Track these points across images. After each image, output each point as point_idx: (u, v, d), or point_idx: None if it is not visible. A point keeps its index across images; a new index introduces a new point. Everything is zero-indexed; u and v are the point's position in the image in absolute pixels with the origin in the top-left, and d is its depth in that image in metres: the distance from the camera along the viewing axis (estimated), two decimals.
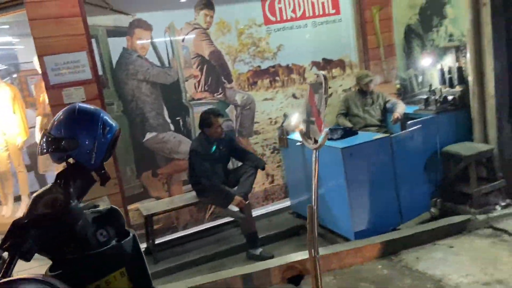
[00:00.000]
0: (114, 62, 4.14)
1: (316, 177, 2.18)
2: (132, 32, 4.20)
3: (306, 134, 2.25)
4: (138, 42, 4.23)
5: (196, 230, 4.57)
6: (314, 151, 2.17)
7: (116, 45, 4.12)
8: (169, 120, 4.47)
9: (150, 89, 4.35)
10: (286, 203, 4.93)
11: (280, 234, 4.42)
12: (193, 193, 4.32)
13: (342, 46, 5.19)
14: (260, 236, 4.13)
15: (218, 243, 4.33)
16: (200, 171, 3.96)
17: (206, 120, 3.98)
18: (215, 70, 4.62)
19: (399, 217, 3.89)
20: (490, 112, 4.05)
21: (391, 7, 5.16)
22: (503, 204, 3.93)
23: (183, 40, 4.44)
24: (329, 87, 5.20)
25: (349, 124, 4.57)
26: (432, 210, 4.17)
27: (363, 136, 3.92)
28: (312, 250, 2.18)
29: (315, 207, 2.20)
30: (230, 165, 4.46)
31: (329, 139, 3.91)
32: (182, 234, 4.52)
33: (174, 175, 4.56)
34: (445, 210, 4.08)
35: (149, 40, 4.28)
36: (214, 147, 4.07)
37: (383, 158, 3.79)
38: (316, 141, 2.17)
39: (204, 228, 4.62)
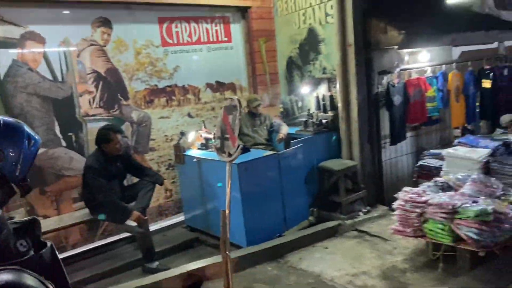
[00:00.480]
0: (2, 74, 3.94)
1: (229, 186, 2.49)
2: (24, 44, 4.06)
3: (220, 149, 2.55)
4: (30, 54, 4.09)
5: (87, 249, 4.48)
6: (228, 163, 2.48)
7: (6, 57, 3.94)
8: (60, 136, 4.37)
9: (41, 103, 4.22)
10: (180, 217, 5.12)
11: (175, 247, 4.60)
12: (85, 210, 4.26)
13: (233, 71, 5.67)
14: (156, 250, 4.25)
15: (112, 260, 4.32)
16: (96, 187, 3.95)
17: (105, 136, 4.01)
18: (111, 86, 4.67)
19: (284, 225, 4.42)
20: (354, 134, 4.86)
21: (275, 40, 5.82)
22: (364, 210, 4.72)
23: (78, 56, 4.41)
24: (221, 108, 5.61)
25: (240, 143, 5.00)
26: (310, 218, 4.79)
27: (254, 153, 4.37)
28: (225, 251, 2.45)
29: (228, 212, 2.49)
30: (125, 182, 4.51)
31: None
32: (72, 253, 4.39)
33: (64, 192, 4.44)
34: (321, 217, 4.73)
35: (42, 54, 4.17)
36: (111, 164, 4.10)
37: (272, 172, 4.29)
38: (230, 155, 2.48)
39: (96, 246, 4.56)
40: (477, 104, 5.64)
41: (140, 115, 4.93)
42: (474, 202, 3.31)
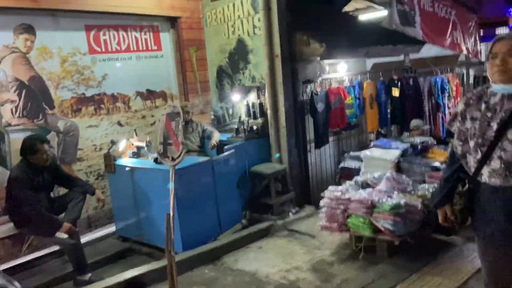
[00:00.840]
0: None
1: (173, 191, 2.56)
2: None
3: (163, 154, 2.62)
4: None
5: (12, 265, 4.24)
6: (172, 167, 2.56)
7: None
8: None
9: None
10: (112, 228, 5.02)
11: (108, 258, 4.50)
12: (9, 225, 4.04)
13: (164, 79, 5.71)
14: (87, 262, 4.15)
15: (40, 275, 4.13)
16: (23, 199, 3.78)
17: (31, 146, 3.85)
18: (35, 95, 4.49)
19: (219, 229, 4.55)
20: (282, 139, 5.17)
21: (205, 49, 5.97)
22: (293, 211, 5.02)
23: None
24: (152, 116, 5.63)
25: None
26: (243, 221, 4.98)
27: (189, 160, 4.46)
28: (170, 251, 2.52)
29: (172, 215, 2.56)
30: (52, 194, 4.34)
31: (158, 163, 4.33)
32: None
33: None
34: (253, 219, 4.94)
35: None
36: (37, 175, 3.94)
37: (206, 178, 4.41)
38: (173, 159, 2.56)
39: (22, 262, 4.32)
40: (389, 110, 6.27)
41: (67, 124, 4.78)
42: (389, 197, 3.74)
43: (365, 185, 4.19)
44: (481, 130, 1.88)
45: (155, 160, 4.41)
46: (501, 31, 12.48)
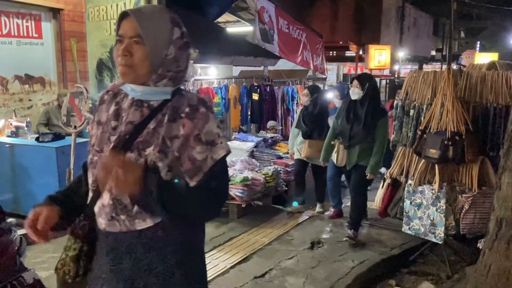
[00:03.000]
0: None
1: (73, 153, 3.13)
2: None
3: (67, 123, 3.18)
4: None
5: None
6: (74, 133, 3.15)
7: None
8: None
9: None
10: None
11: None
12: None
13: (43, 66, 5.97)
14: None
15: None
16: None
17: None
18: None
19: None
20: None
21: (86, 42, 6.39)
22: None
23: None
24: (30, 100, 5.86)
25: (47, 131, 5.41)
26: None
27: (69, 139, 4.92)
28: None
29: (72, 171, 3.12)
30: None
31: (41, 142, 4.72)
32: None
33: None
34: None
35: None
36: None
37: (86, 156, 4.92)
38: (75, 127, 3.16)
39: None
40: (249, 111, 7.51)
41: None
42: (240, 173, 4.84)
43: None
44: (99, 144, 1.38)
45: (37, 139, 4.78)
46: (348, 54, 15.23)
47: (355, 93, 4.06)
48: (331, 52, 14.35)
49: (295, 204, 5.03)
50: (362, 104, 4.05)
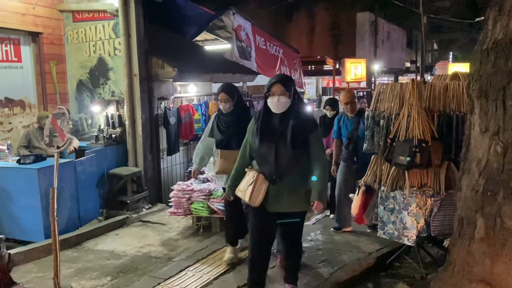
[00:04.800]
0: None
1: (56, 173, 3.20)
2: None
3: (49, 144, 3.26)
4: None
5: None
6: (56, 153, 3.23)
7: None
8: None
9: None
10: None
11: None
12: None
13: (23, 89, 6.04)
14: None
15: None
16: None
17: None
18: None
19: (79, 222, 5.15)
20: (139, 146, 6.02)
21: (65, 64, 6.48)
22: (147, 207, 5.88)
23: None
24: (10, 123, 5.90)
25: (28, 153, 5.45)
26: (100, 217, 5.62)
27: (52, 161, 4.97)
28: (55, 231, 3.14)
29: (56, 190, 3.19)
30: None
31: (22, 164, 4.77)
32: None
33: None
34: (110, 216, 5.61)
35: None
36: None
37: (68, 177, 4.99)
38: (58, 147, 3.23)
39: None
40: None
41: None
42: (223, 188, 4.95)
43: (205, 181, 5.35)
44: None
45: (18, 161, 4.82)
46: (326, 68, 15.61)
47: (282, 102, 2.91)
48: (309, 66, 14.69)
49: None
50: (285, 117, 2.93)
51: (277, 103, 2.90)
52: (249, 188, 2.92)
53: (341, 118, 4.90)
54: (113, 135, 6.02)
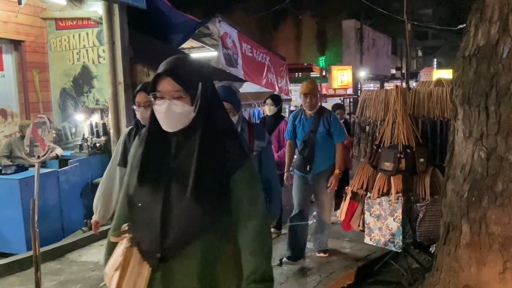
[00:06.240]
0: None
1: (37, 183, 3.13)
2: None
3: (30, 154, 3.19)
4: None
5: None
6: (37, 164, 3.15)
7: None
8: None
9: None
10: None
11: None
12: None
13: (5, 97, 5.92)
14: None
15: None
16: None
17: None
18: None
19: (62, 232, 5.04)
20: None
21: (49, 72, 6.39)
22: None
23: None
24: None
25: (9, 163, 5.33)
26: (84, 228, 5.50)
27: (34, 171, 4.87)
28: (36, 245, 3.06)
29: (36, 201, 3.11)
30: None
31: (3, 174, 4.66)
32: None
33: None
34: None
35: None
36: None
37: (51, 187, 4.89)
38: (39, 157, 3.16)
39: None
40: None
41: None
42: None
43: None
44: None
45: (0, 172, 4.72)
46: (313, 75, 15.71)
47: (176, 112, 1.50)
48: (296, 74, 14.76)
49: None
50: (188, 139, 1.52)
51: (166, 114, 1.47)
52: (115, 275, 1.48)
53: (297, 116, 4.14)
54: (98, 144, 5.93)
